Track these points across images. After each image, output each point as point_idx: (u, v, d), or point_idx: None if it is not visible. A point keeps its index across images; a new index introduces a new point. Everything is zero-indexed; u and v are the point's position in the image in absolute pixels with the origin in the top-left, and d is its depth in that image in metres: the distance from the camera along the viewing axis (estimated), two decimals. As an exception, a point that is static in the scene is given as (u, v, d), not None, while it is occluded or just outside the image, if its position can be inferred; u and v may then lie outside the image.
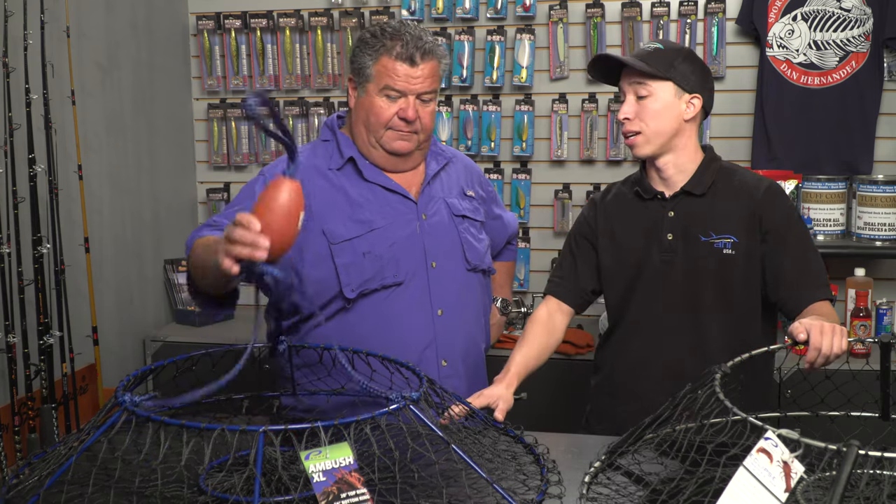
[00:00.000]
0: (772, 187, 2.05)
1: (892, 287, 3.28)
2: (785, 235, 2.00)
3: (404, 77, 2.00)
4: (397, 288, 2.07)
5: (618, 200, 2.14)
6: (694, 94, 2.00)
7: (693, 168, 2.05)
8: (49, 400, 2.73)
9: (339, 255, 2.04)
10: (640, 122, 2.00)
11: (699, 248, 2.02)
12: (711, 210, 2.02)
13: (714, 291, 2.02)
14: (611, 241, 2.11)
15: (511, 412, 1.96)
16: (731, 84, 3.41)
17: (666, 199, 2.05)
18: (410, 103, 2.02)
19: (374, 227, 2.06)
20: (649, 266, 2.05)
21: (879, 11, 3.21)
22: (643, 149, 2.02)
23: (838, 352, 1.68)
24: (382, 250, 2.06)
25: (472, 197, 2.24)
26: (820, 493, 1.42)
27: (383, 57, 2.00)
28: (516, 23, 3.50)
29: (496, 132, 3.53)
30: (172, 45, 3.68)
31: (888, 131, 3.30)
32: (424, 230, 2.11)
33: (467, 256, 2.15)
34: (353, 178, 2.10)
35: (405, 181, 2.14)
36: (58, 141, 2.84)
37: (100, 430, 1.40)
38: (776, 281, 2.00)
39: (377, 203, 2.09)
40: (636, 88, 1.99)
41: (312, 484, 1.26)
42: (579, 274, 2.16)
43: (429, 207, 2.13)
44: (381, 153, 2.08)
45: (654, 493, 1.40)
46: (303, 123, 3.68)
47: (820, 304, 1.94)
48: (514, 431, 1.75)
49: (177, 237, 3.72)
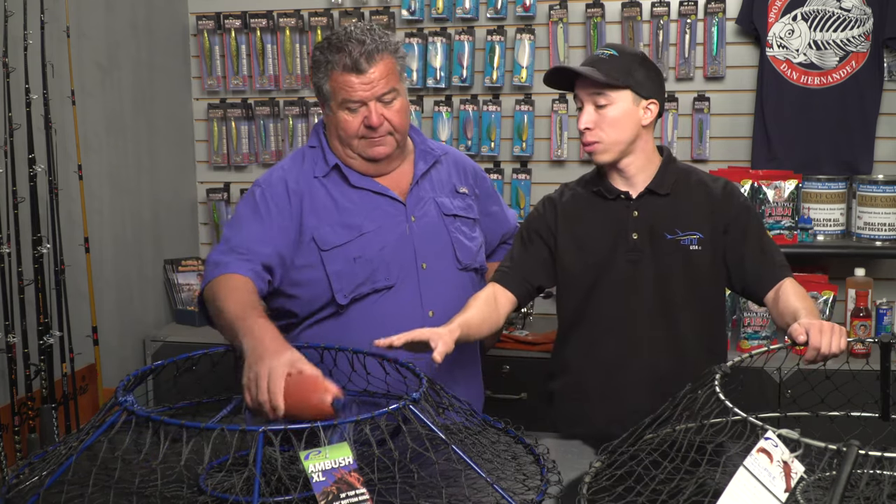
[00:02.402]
0: (728, 184, 2.12)
1: (892, 287, 3.28)
2: (744, 227, 2.06)
3: (357, 86, 2.00)
4: (388, 291, 2.07)
5: (576, 201, 2.13)
6: (650, 99, 2.02)
7: (653, 168, 2.07)
8: (49, 400, 2.73)
9: (329, 263, 2.05)
10: (599, 131, 2.01)
11: (666, 246, 2.04)
12: (675, 208, 2.05)
13: (684, 288, 2.04)
14: (572, 242, 2.10)
15: (511, 412, 1.95)
16: (731, 84, 3.41)
17: (631, 199, 2.07)
18: (372, 109, 2.02)
19: (363, 232, 2.06)
20: (616, 266, 2.06)
21: (879, 11, 3.20)
22: (603, 156, 2.04)
23: (837, 351, 1.69)
24: (373, 254, 2.06)
25: (466, 194, 2.24)
26: (820, 493, 1.42)
27: (333, 73, 2.02)
28: (516, 23, 3.50)
29: (496, 132, 3.53)
30: (172, 45, 3.68)
31: (888, 131, 3.30)
32: (414, 231, 2.11)
33: (458, 256, 2.15)
34: (339, 185, 2.11)
35: (393, 182, 2.13)
36: (58, 141, 2.84)
37: (100, 430, 1.40)
38: (740, 271, 2.06)
39: (365, 207, 2.09)
40: (594, 98, 2.00)
41: (312, 484, 1.26)
42: (528, 267, 2.12)
43: (417, 208, 2.13)
44: (360, 161, 2.09)
45: (654, 493, 1.40)
46: (303, 123, 3.68)
47: (785, 283, 2.01)
48: (514, 431, 1.75)
49: (177, 237, 3.72)
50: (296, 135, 3.67)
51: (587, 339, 2.11)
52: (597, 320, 2.09)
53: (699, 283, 2.05)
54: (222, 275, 1.94)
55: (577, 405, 2.14)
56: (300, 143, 3.67)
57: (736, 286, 2.10)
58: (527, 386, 3.05)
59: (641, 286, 2.05)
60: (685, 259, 2.04)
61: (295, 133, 3.67)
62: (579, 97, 2.04)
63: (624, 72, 1.99)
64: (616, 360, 2.07)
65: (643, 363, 2.05)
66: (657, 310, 2.05)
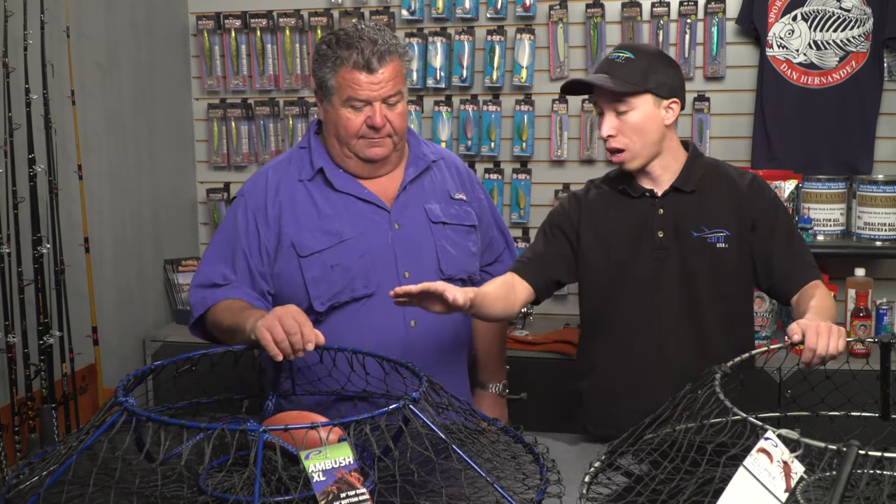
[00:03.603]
0: (756, 178, 2.09)
1: (892, 287, 3.28)
2: (772, 224, 2.03)
3: (365, 85, 1.97)
4: (368, 299, 2.04)
5: (601, 198, 2.11)
6: (672, 98, 1.99)
7: (678, 165, 2.05)
8: (49, 400, 2.73)
9: (307, 269, 2.03)
10: (623, 137, 1.98)
11: (692, 243, 2.02)
12: (701, 205, 2.03)
13: (710, 286, 2.02)
14: (596, 240, 2.08)
15: (512, 412, 1.95)
16: (731, 84, 3.40)
17: (656, 197, 2.05)
18: (376, 110, 1.99)
19: (343, 239, 2.04)
20: (641, 264, 2.04)
21: (879, 11, 3.20)
22: (632, 164, 2.01)
23: (834, 352, 1.67)
24: (352, 262, 2.03)
25: (463, 200, 2.18)
26: (820, 493, 1.42)
27: (342, 68, 1.97)
28: (516, 23, 3.50)
29: (496, 132, 3.53)
30: (172, 45, 3.68)
31: (888, 131, 3.30)
32: (396, 239, 2.07)
33: (441, 266, 2.10)
34: (323, 189, 2.08)
35: (380, 188, 2.10)
36: (58, 141, 2.84)
37: (100, 430, 1.40)
38: (767, 268, 2.03)
39: (348, 214, 2.06)
40: (614, 105, 1.97)
41: (312, 484, 1.26)
42: (549, 260, 2.10)
43: (403, 216, 2.09)
44: (356, 162, 2.06)
45: (655, 494, 1.40)
46: (302, 123, 3.68)
47: (812, 285, 1.97)
48: (514, 431, 1.75)
49: (177, 237, 3.72)
50: (296, 135, 3.67)
51: (613, 337, 2.09)
52: (622, 319, 2.07)
53: (726, 281, 2.03)
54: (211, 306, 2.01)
55: (604, 405, 2.11)
56: (300, 143, 3.67)
57: (763, 285, 2.07)
58: (527, 386, 3.05)
59: (667, 284, 2.03)
60: (712, 257, 2.01)
61: (295, 133, 3.67)
62: (598, 104, 2.01)
63: (642, 75, 1.95)
64: (642, 359, 2.05)
65: (669, 362, 2.02)
66: (683, 308, 2.03)
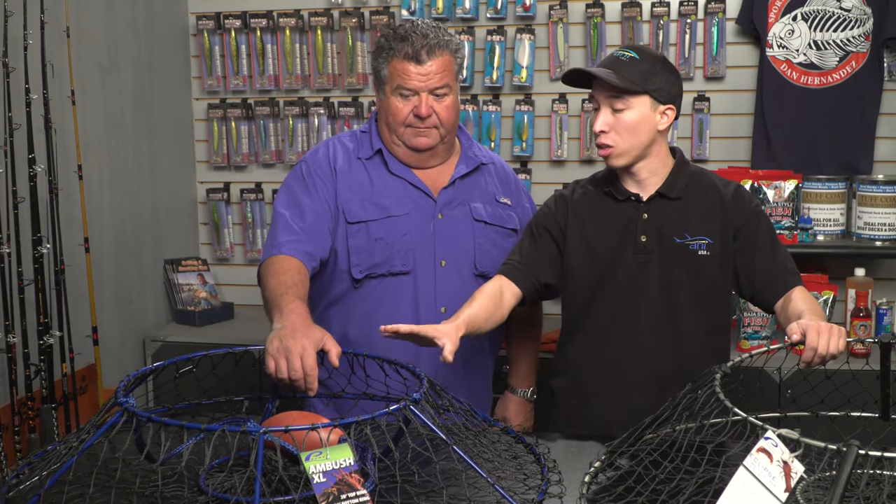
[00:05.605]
0: (739, 187, 2.11)
1: (892, 287, 3.28)
2: (754, 232, 2.04)
3: (414, 76, 2.10)
4: (405, 276, 2.16)
5: (587, 200, 2.12)
6: (668, 105, 2.00)
7: (665, 171, 2.06)
8: (49, 400, 2.73)
9: (352, 237, 2.15)
10: (615, 135, 1.99)
11: (674, 250, 2.03)
12: (685, 212, 2.04)
13: (690, 292, 2.03)
14: (580, 241, 2.09)
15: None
16: (731, 84, 3.41)
17: (641, 202, 2.06)
18: (423, 100, 2.11)
19: (390, 214, 2.16)
20: (623, 267, 2.05)
21: (879, 11, 3.20)
22: (617, 160, 2.02)
23: (835, 352, 1.68)
24: (395, 238, 2.15)
25: (508, 205, 2.29)
26: (820, 493, 1.42)
27: (394, 59, 2.13)
28: (516, 23, 3.50)
29: (496, 132, 3.53)
30: (172, 45, 3.68)
31: (888, 131, 3.30)
32: (437, 228, 2.19)
33: (477, 262, 2.21)
34: (379, 169, 2.21)
35: (430, 179, 2.22)
36: (58, 141, 2.84)
37: (100, 430, 1.40)
38: (750, 277, 2.04)
39: (398, 194, 2.19)
40: (611, 101, 1.98)
41: (313, 485, 1.26)
42: (537, 264, 2.10)
43: (448, 207, 2.21)
44: (403, 150, 2.19)
45: (654, 494, 1.40)
46: (303, 123, 3.68)
47: (796, 291, 1.99)
48: (515, 431, 1.75)
49: (177, 237, 3.72)
50: (296, 135, 3.67)
51: (591, 338, 2.10)
52: (601, 320, 2.08)
53: (706, 288, 2.04)
54: (273, 256, 2.06)
55: (578, 405, 2.13)
56: (300, 143, 3.67)
57: (745, 293, 2.08)
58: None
59: (647, 288, 2.04)
60: (693, 264, 2.02)
61: (295, 133, 3.67)
62: (596, 98, 2.02)
63: (643, 77, 1.96)
64: (618, 360, 2.06)
65: (646, 365, 2.04)
66: (662, 312, 2.04)
